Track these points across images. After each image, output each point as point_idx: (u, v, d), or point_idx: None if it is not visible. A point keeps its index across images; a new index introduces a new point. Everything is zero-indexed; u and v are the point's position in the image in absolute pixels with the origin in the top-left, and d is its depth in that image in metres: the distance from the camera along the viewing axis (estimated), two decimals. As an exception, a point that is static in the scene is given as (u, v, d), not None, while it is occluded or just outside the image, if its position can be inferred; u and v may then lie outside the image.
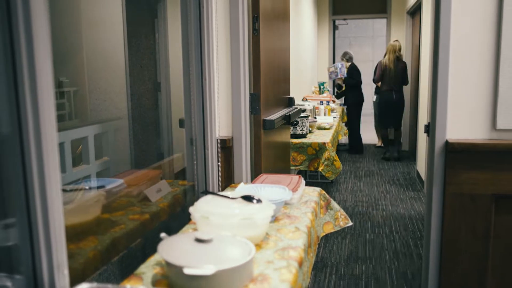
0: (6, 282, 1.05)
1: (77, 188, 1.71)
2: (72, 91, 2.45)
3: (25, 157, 0.97)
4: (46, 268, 1.01)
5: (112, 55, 2.95)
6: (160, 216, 1.86)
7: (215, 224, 1.42)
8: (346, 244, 3.78)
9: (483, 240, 2.22)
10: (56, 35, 1.03)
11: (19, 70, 0.95)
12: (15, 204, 1.00)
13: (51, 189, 1.00)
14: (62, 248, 1.05)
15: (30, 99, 0.96)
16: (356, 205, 4.86)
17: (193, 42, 2.12)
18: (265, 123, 2.43)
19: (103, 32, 2.85)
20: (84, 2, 2.62)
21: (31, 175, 0.98)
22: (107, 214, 1.65)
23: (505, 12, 2.09)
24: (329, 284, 3.08)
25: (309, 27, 7.09)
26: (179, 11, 2.12)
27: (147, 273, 1.33)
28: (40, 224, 1.00)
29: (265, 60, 2.46)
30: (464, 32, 2.16)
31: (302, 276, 1.43)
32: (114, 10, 2.90)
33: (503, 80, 2.13)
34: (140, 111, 3.47)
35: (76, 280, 1.08)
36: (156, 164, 2.41)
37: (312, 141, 3.99)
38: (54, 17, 1.01)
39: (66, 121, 2.37)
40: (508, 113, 2.15)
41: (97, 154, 2.48)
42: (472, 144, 2.17)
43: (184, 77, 2.15)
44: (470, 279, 2.26)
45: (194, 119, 2.16)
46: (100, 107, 2.73)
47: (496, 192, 2.18)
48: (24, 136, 0.97)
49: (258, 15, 2.34)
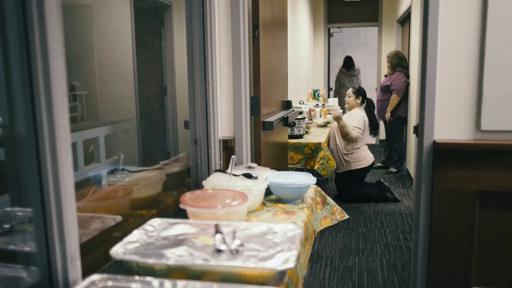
0: (22, 273, 1.05)
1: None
2: (84, 94, 2.45)
3: (40, 156, 0.97)
4: (60, 260, 1.02)
5: (122, 61, 2.96)
6: (167, 211, 1.86)
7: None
8: (340, 237, 3.79)
9: (468, 234, 2.22)
10: (69, 43, 1.03)
11: (35, 75, 0.95)
12: (31, 200, 1.00)
13: (65, 186, 1.00)
14: (75, 241, 1.05)
15: (45, 102, 0.96)
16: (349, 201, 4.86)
17: (197, 49, 2.12)
18: (265, 125, 2.44)
19: (113, 40, 2.85)
20: (96, 12, 2.62)
21: (46, 173, 0.98)
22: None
23: (489, 20, 2.09)
24: (324, 275, 3.08)
25: (305, 34, 7.09)
26: (184, 20, 2.12)
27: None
28: (54, 219, 1.00)
29: (265, 66, 2.46)
30: (450, 39, 2.16)
31: (299, 267, 1.43)
32: (124, 19, 2.90)
33: (486, 85, 2.13)
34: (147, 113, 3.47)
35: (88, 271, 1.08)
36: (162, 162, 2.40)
37: (308, 141, 4.00)
38: (68, 27, 1.02)
39: (78, 123, 2.38)
40: (492, 115, 2.15)
41: (107, 153, 2.49)
42: (458, 144, 2.17)
43: (189, 81, 2.15)
44: (456, 270, 2.26)
45: (198, 121, 2.16)
46: (110, 110, 2.74)
47: (481, 189, 2.18)
48: (40, 137, 0.97)
49: (258, 24, 2.34)
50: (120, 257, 1.10)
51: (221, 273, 1.05)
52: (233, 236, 1.18)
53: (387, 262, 3.26)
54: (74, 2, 2.41)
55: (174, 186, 1.99)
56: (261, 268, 1.04)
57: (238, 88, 2.28)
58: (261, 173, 1.89)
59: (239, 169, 1.94)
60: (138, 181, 1.75)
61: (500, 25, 2.08)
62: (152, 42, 3.54)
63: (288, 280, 1.19)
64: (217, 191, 1.58)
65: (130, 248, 1.15)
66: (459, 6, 2.13)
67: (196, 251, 1.13)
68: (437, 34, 2.15)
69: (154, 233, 1.26)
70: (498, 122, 2.15)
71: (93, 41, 2.60)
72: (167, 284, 0.99)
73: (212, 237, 1.20)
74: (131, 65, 3.03)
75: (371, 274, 3.08)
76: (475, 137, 2.20)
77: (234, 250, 1.12)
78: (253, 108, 2.37)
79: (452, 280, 2.27)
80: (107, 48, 2.77)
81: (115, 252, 1.12)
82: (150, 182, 1.80)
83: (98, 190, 1.68)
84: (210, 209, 1.40)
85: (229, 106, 2.31)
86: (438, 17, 2.14)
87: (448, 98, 2.20)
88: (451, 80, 2.18)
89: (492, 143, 2.14)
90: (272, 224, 1.31)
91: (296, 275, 1.37)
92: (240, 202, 1.46)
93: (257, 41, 2.35)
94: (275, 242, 1.19)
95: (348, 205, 4.66)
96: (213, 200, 1.48)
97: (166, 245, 1.17)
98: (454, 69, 2.18)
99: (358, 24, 8.60)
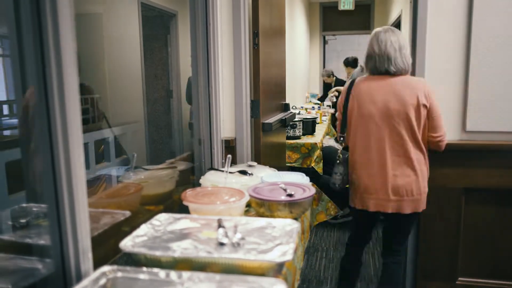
0: (37, 265, 1.05)
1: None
2: (95, 97, 2.45)
3: (54, 156, 0.97)
4: (73, 253, 1.01)
5: (130, 66, 2.96)
6: (172, 207, 1.86)
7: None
8: (334, 231, 3.78)
9: (454, 228, 2.22)
10: (81, 49, 1.03)
11: (49, 80, 0.95)
12: (46, 196, 1.00)
13: (77, 184, 1.00)
14: (87, 235, 1.05)
15: (59, 105, 0.96)
16: (343, 197, 4.86)
17: (201, 55, 2.12)
18: (264, 126, 2.43)
19: (122, 46, 2.85)
20: (106, 20, 2.62)
21: (59, 171, 0.98)
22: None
23: (473, 30, 2.09)
24: (319, 266, 3.08)
25: (302, 41, 7.09)
26: (188, 28, 2.12)
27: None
28: (67, 214, 1.00)
29: (264, 71, 2.46)
30: (438, 48, 2.16)
31: (296, 259, 1.43)
32: (132, 27, 2.90)
33: (471, 89, 2.13)
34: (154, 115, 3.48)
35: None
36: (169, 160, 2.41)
37: (305, 141, 3.99)
38: (80, 34, 1.01)
39: (89, 124, 2.38)
40: (476, 117, 2.15)
41: (117, 152, 2.49)
42: (446, 144, 2.17)
43: (193, 85, 2.15)
44: (443, 260, 2.26)
45: (202, 122, 2.16)
46: (120, 112, 2.74)
47: (466, 186, 2.18)
48: (54, 138, 0.97)
49: (258, 31, 2.34)
50: (129, 250, 1.10)
51: (223, 265, 1.05)
52: (235, 230, 1.18)
53: (379, 254, 3.26)
54: (86, 11, 2.41)
55: (179, 183, 1.99)
56: (261, 260, 1.04)
57: (239, 92, 2.28)
58: (261, 171, 1.88)
59: (240, 167, 1.94)
60: (151, 178, 1.75)
61: (483, 36, 2.09)
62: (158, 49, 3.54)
63: (286, 271, 1.19)
64: (216, 188, 1.58)
65: (138, 241, 1.15)
66: (446, 17, 2.13)
67: (200, 244, 1.13)
68: (425, 43, 2.15)
69: (161, 227, 1.26)
70: (482, 124, 2.15)
71: (103, 48, 2.60)
72: (173, 275, 0.99)
73: (215, 231, 1.20)
74: (139, 70, 3.03)
75: (364, 265, 3.08)
76: (461, 137, 2.20)
77: (235, 243, 1.12)
78: (253, 110, 2.37)
79: (439, 271, 2.27)
80: (116, 54, 2.77)
81: (124, 245, 1.12)
82: (162, 179, 1.80)
83: (110, 187, 1.68)
84: (210, 205, 1.40)
85: (231, 109, 2.31)
86: (426, 28, 2.14)
87: (435, 101, 2.20)
88: (439, 86, 2.18)
89: (477, 143, 2.14)
90: (271, 219, 1.31)
91: (294, 267, 1.37)
92: (238, 199, 1.46)
93: (257, 48, 2.35)
94: (274, 236, 1.19)
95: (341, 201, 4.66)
96: (213, 197, 1.48)
97: (172, 238, 1.17)
98: (441, 75, 2.18)
99: (351, 32, 8.60)
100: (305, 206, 1.49)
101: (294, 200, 1.45)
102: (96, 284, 0.96)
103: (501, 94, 2.11)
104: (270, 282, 0.94)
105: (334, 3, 8.21)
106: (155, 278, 0.98)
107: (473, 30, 2.09)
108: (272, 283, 0.94)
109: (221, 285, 0.95)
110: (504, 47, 2.08)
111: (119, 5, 2.80)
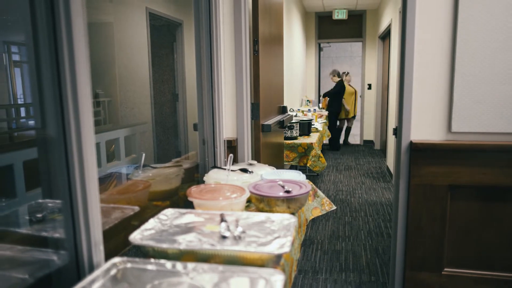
0: (52, 256, 1.05)
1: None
2: (106, 101, 2.45)
3: (68, 155, 0.97)
4: (86, 245, 1.02)
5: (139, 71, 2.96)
6: (178, 202, 1.86)
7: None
8: (329, 225, 3.78)
9: (440, 222, 2.22)
10: (93, 56, 1.03)
11: (64, 85, 0.95)
12: (60, 193, 1.00)
13: (90, 181, 1.00)
14: (99, 229, 1.05)
15: (72, 108, 0.96)
16: (337, 193, 4.86)
17: (204, 61, 2.12)
18: (263, 127, 2.43)
19: (132, 53, 2.85)
20: (117, 29, 2.62)
21: (73, 169, 0.98)
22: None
23: (458, 38, 2.09)
24: (315, 257, 3.08)
25: (299, 48, 7.09)
26: (193, 36, 2.12)
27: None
28: (80, 209, 1.00)
29: (264, 76, 2.46)
30: (425, 54, 2.16)
31: (293, 251, 1.43)
32: (141, 35, 2.90)
33: (456, 92, 2.13)
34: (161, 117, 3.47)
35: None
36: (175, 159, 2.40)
37: (301, 141, 3.99)
38: (92, 42, 1.01)
39: (101, 125, 2.38)
40: (461, 119, 2.15)
41: (127, 152, 2.48)
42: (432, 144, 2.17)
43: (198, 89, 2.15)
44: (430, 253, 2.26)
45: (206, 123, 2.16)
46: (129, 114, 2.73)
47: (451, 183, 2.18)
48: (68, 138, 0.97)
49: (257, 39, 2.34)
50: (138, 242, 1.10)
51: (226, 256, 1.05)
52: (236, 224, 1.18)
53: (370, 247, 3.26)
54: (98, 20, 2.41)
55: (184, 180, 1.99)
56: (260, 252, 1.04)
57: (240, 95, 2.28)
58: (260, 169, 1.88)
59: (241, 165, 1.94)
60: (159, 176, 1.75)
61: (468, 43, 2.09)
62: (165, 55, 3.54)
63: (284, 262, 1.19)
64: (219, 185, 1.58)
65: (146, 234, 1.15)
66: (433, 25, 2.13)
67: (204, 237, 1.13)
68: (413, 49, 2.15)
69: (167, 222, 1.26)
70: (466, 125, 2.15)
71: (114, 54, 2.60)
72: (179, 265, 0.99)
73: (218, 225, 1.20)
74: (147, 75, 3.03)
75: (356, 257, 3.08)
76: (446, 138, 2.20)
77: (237, 237, 1.12)
78: (254, 112, 2.37)
79: (426, 262, 2.27)
80: (126, 60, 2.76)
81: (134, 238, 1.12)
82: (169, 177, 1.80)
83: (120, 184, 1.68)
84: (213, 201, 1.40)
85: (232, 111, 2.31)
86: (414, 35, 2.14)
87: (423, 104, 2.20)
88: (426, 89, 2.18)
89: (461, 143, 2.14)
90: (270, 213, 1.31)
91: (291, 258, 1.37)
92: (239, 195, 1.46)
93: (257, 55, 2.35)
94: (272, 229, 1.19)
95: (335, 198, 4.66)
96: (216, 193, 1.48)
97: (178, 232, 1.17)
98: (428, 79, 2.18)
99: (344, 40, 8.59)
100: (301, 202, 1.49)
101: (291, 196, 1.45)
102: (107, 274, 0.96)
103: (484, 98, 2.11)
104: (269, 272, 0.94)
105: (328, 13, 8.21)
106: (162, 269, 0.99)
107: (458, 38, 2.09)
108: (271, 273, 0.94)
109: (224, 275, 0.95)
110: (486, 55, 2.08)
111: (128, 15, 2.80)
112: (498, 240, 2.19)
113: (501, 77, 2.09)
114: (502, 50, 2.07)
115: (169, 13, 3.32)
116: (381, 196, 4.72)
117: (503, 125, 2.12)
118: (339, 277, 2.75)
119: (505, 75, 2.08)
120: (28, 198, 1.39)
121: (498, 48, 2.07)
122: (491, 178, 2.12)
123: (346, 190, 5.02)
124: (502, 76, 2.09)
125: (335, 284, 2.65)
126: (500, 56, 2.07)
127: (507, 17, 2.04)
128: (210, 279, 0.94)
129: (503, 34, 2.05)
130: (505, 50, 2.06)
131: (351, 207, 4.34)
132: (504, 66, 2.08)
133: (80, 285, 0.89)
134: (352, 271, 2.83)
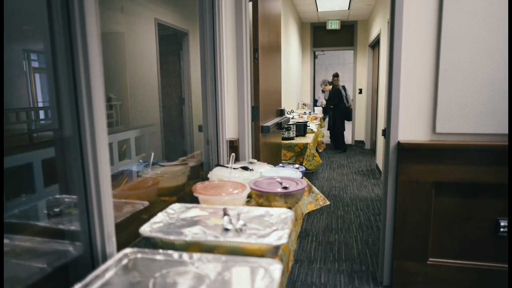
0: (69, 247, 1.05)
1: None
2: (118, 104, 2.45)
3: (83, 154, 0.97)
4: (99, 237, 1.02)
5: (148, 77, 2.96)
6: (184, 198, 1.86)
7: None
8: (323, 219, 3.78)
9: (425, 215, 2.22)
10: (106, 63, 1.03)
11: (79, 89, 0.95)
12: (76, 189, 1.00)
13: (103, 178, 1.00)
14: (111, 222, 1.05)
15: (87, 111, 0.96)
16: (330, 189, 4.86)
17: (208, 67, 2.12)
18: (263, 128, 2.43)
19: (142, 60, 2.85)
20: (128, 38, 2.62)
21: (87, 167, 0.98)
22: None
23: (442, 46, 2.09)
24: (310, 248, 3.08)
25: (295, 56, 7.09)
26: (198, 45, 2.12)
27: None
28: (94, 204, 1.00)
29: (263, 81, 2.46)
30: (411, 61, 2.16)
31: (290, 242, 1.43)
32: (150, 44, 2.90)
33: (440, 96, 2.13)
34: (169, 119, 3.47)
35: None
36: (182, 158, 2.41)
37: (298, 142, 3.99)
38: (105, 50, 1.01)
39: (113, 127, 2.38)
40: (445, 121, 2.15)
41: (137, 151, 2.48)
42: (418, 144, 2.17)
43: (202, 93, 2.15)
44: (416, 245, 2.26)
45: (210, 125, 2.16)
46: (139, 116, 2.73)
47: (436, 180, 2.18)
48: (83, 138, 0.97)
49: (257, 48, 2.34)
50: (147, 234, 1.10)
51: (228, 247, 1.05)
52: (238, 218, 1.18)
53: (361, 239, 3.26)
54: (110, 30, 2.41)
55: (190, 177, 1.99)
56: (260, 244, 1.04)
57: (241, 99, 2.28)
58: (260, 167, 1.88)
59: (243, 164, 1.94)
60: (167, 173, 1.75)
61: (451, 52, 2.09)
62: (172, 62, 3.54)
63: (281, 253, 1.19)
64: (222, 182, 1.58)
65: (155, 227, 1.15)
66: (419, 35, 2.13)
67: (208, 229, 1.13)
68: (401, 56, 2.15)
69: (174, 215, 1.26)
70: (450, 126, 2.15)
71: (125, 62, 2.60)
72: (185, 256, 0.99)
73: (221, 218, 1.20)
74: (155, 81, 3.03)
75: (348, 248, 3.08)
76: (431, 138, 2.20)
77: (238, 229, 1.12)
78: (254, 115, 2.37)
79: (412, 253, 2.27)
80: (136, 67, 2.76)
81: (143, 230, 1.12)
82: (176, 174, 1.80)
83: (131, 181, 1.68)
84: (216, 197, 1.40)
85: (234, 113, 2.31)
86: (401, 44, 2.14)
87: (410, 107, 2.20)
88: (412, 93, 2.18)
89: (445, 143, 2.14)
90: (269, 208, 1.31)
91: (288, 249, 1.37)
92: (241, 191, 1.46)
93: (257, 62, 2.35)
94: (271, 222, 1.19)
95: (329, 193, 4.66)
96: (219, 189, 1.48)
97: (184, 225, 1.17)
98: (414, 85, 2.18)
99: (337, 48, 8.59)
100: (298, 197, 1.49)
101: (288, 192, 1.45)
102: (119, 264, 0.96)
103: (465, 101, 2.11)
104: (268, 262, 0.94)
105: (323, 24, 8.21)
106: (170, 259, 0.99)
107: (441, 46, 2.09)
108: (270, 263, 0.94)
109: (226, 264, 0.95)
110: (468, 61, 2.08)
111: (139, 25, 2.80)
112: (478, 232, 2.19)
113: (481, 82, 2.09)
114: (483, 55, 2.07)
115: (176, 23, 3.32)
116: (371, 192, 4.71)
117: (483, 127, 2.12)
118: (332, 266, 2.74)
119: (485, 80, 2.08)
120: (47, 193, 1.39)
121: (479, 54, 2.06)
122: (472, 176, 2.13)
123: (338, 186, 5.01)
124: (482, 81, 2.09)
125: (329, 272, 2.65)
126: (480, 61, 2.07)
127: (487, 29, 2.04)
128: (214, 268, 0.94)
129: (483, 43, 2.05)
130: (484, 56, 2.06)
131: (344, 202, 4.34)
132: (484, 71, 2.08)
133: (94, 274, 0.89)
134: (344, 260, 2.83)
